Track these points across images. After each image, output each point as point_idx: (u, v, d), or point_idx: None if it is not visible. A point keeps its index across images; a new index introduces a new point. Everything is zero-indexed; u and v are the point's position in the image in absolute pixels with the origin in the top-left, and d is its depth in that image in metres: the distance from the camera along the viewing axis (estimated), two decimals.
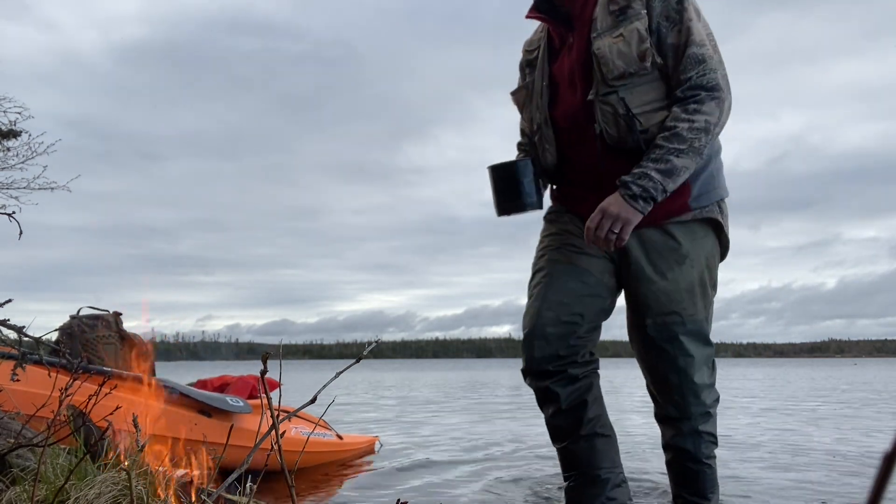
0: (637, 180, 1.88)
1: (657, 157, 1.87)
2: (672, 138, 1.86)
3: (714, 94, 1.87)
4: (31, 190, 10.23)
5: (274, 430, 1.08)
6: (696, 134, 1.85)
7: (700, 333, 2.02)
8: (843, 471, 3.16)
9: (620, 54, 1.90)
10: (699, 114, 1.85)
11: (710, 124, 1.86)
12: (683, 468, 2.11)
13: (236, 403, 2.96)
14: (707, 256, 2.04)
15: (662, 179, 1.86)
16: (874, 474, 0.24)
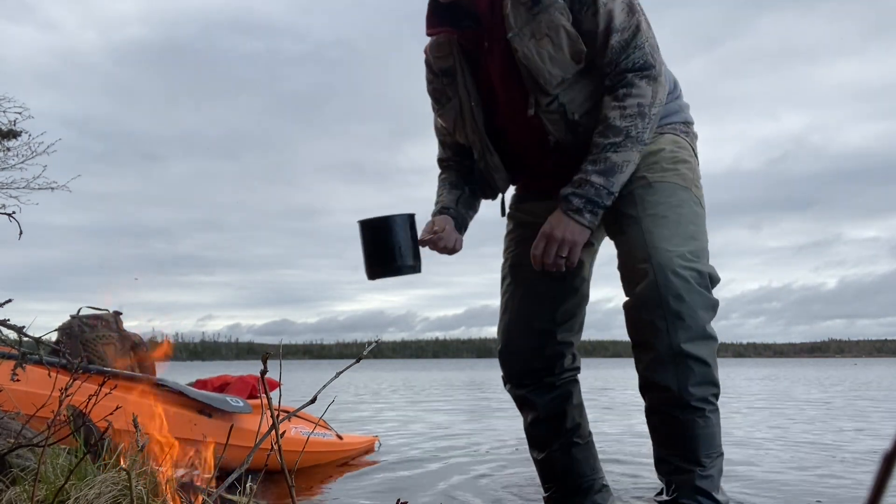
0: (578, 189, 1.72)
1: (595, 158, 1.72)
2: (606, 132, 1.71)
3: (643, 73, 1.70)
4: (30, 190, 10.24)
5: (274, 430, 1.08)
6: (631, 121, 1.69)
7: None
8: (842, 470, 3.16)
9: (553, 60, 1.72)
10: (630, 97, 1.69)
11: (643, 107, 1.70)
12: (665, 418, 1.74)
13: (236, 403, 2.96)
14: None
15: (605, 181, 1.70)
16: (874, 474, 0.24)
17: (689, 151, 1.88)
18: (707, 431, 1.71)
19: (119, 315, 3.13)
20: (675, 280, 1.69)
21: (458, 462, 3.48)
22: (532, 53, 1.72)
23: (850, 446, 4.03)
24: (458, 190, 2.03)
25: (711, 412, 1.72)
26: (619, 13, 1.69)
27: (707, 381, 1.71)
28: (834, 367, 36.62)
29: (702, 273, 1.74)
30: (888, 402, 8.05)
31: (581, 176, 1.73)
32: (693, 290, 1.70)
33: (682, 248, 1.73)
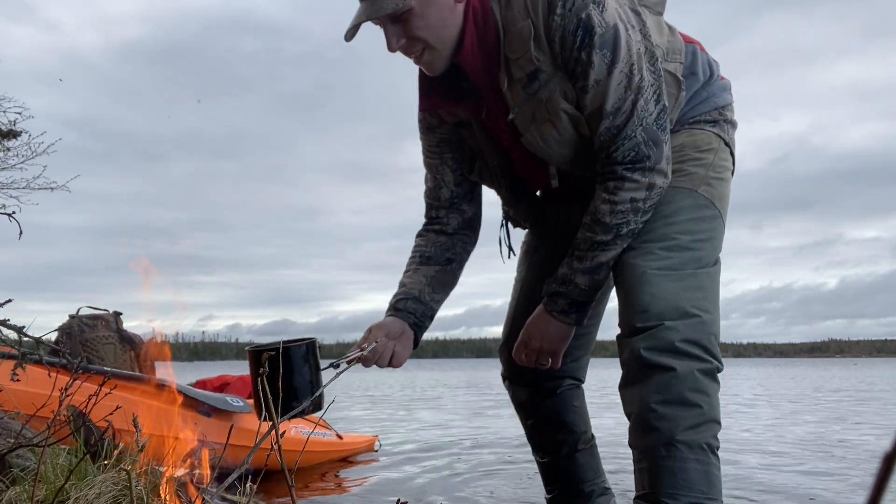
0: (562, 288, 1.61)
1: (581, 255, 1.59)
2: (595, 227, 1.55)
3: (636, 166, 1.51)
4: (31, 190, 10.24)
5: (274, 430, 1.08)
6: (622, 218, 1.53)
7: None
8: (842, 470, 3.16)
9: (560, 143, 1.57)
10: (622, 191, 1.51)
11: (637, 202, 1.52)
12: (642, 450, 1.47)
13: (236, 403, 2.96)
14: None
15: (590, 281, 1.59)
16: (874, 474, 0.24)
17: (710, 142, 1.66)
18: (698, 470, 1.45)
19: (119, 315, 3.14)
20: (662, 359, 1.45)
21: (459, 461, 3.48)
22: (536, 140, 1.58)
23: (850, 445, 4.03)
24: (432, 266, 1.81)
25: (705, 453, 1.46)
26: (614, 92, 1.48)
27: (700, 391, 1.48)
28: (834, 367, 36.62)
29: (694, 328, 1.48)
30: (887, 403, 8.05)
31: (566, 272, 1.61)
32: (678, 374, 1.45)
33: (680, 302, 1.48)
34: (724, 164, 1.68)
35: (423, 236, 1.87)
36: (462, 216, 1.85)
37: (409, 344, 1.74)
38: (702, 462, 1.43)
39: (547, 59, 1.50)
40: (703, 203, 1.62)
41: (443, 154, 1.78)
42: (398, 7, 1.44)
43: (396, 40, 1.50)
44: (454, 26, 1.52)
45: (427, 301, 1.78)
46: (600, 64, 1.46)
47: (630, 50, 1.48)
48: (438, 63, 1.55)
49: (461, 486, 2.84)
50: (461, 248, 1.87)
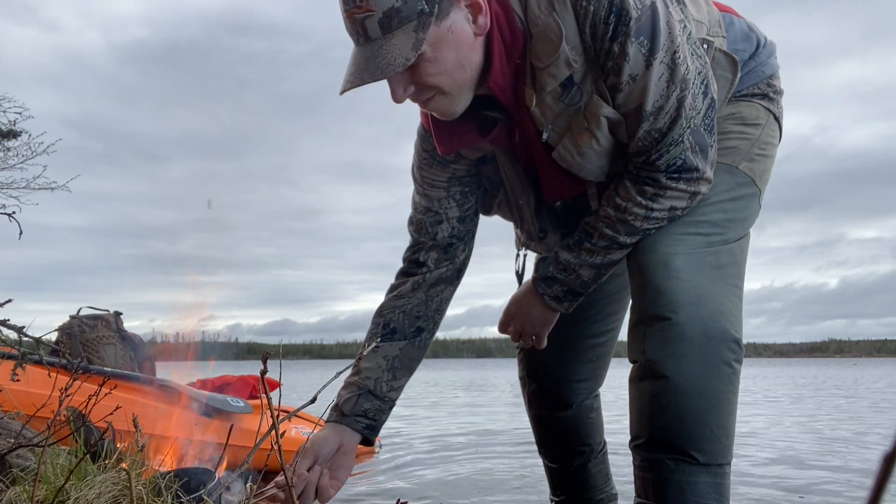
0: (561, 275, 1.45)
1: (595, 248, 1.40)
2: (620, 226, 1.36)
3: (683, 176, 1.31)
4: (31, 190, 10.25)
5: (274, 430, 1.08)
6: (655, 224, 1.35)
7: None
8: (842, 469, 3.16)
9: (599, 154, 1.34)
10: (661, 199, 1.32)
11: (676, 210, 1.34)
12: (650, 461, 1.31)
13: (237, 403, 2.96)
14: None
15: (594, 276, 1.44)
16: (874, 474, 0.24)
17: (757, 116, 1.48)
18: (703, 491, 1.32)
19: (119, 315, 3.14)
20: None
21: (460, 461, 3.48)
22: (570, 154, 1.34)
23: (850, 446, 4.03)
24: (396, 342, 1.58)
25: (714, 469, 1.31)
26: (654, 88, 1.23)
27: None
28: (834, 368, 36.66)
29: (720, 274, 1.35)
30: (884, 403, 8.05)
31: (571, 260, 1.43)
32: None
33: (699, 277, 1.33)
34: (770, 141, 1.50)
35: (396, 291, 1.62)
36: (453, 263, 1.62)
37: (350, 458, 1.53)
38: (714, 475, 1.28)
39: (580, 58, 1.25)
40: (743, 181, 1.44)
41: (450, 188, 1.55)
42: (407, 63, 1.17)
43: (404, 89, 1.26)
44: (473, 66, 1.27)
45: (384, 393, 1.56)
46: (636, 55, 1.21)
47: (672, 33, 1.22)
48: (454, 108, 1.31)
49: (461, 486, 2.84)
50: (437, 309, 1.63)
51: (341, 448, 1.51)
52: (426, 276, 1.60)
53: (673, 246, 1.33)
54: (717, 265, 1.34)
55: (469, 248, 1.65)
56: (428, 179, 1.56)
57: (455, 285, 1.66)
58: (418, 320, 1.61)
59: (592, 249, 1.41)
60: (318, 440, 1.50)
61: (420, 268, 1.61)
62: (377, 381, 1.56)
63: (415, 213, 1.61)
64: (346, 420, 1.54)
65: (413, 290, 1.60)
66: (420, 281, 1.60)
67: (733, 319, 1.31)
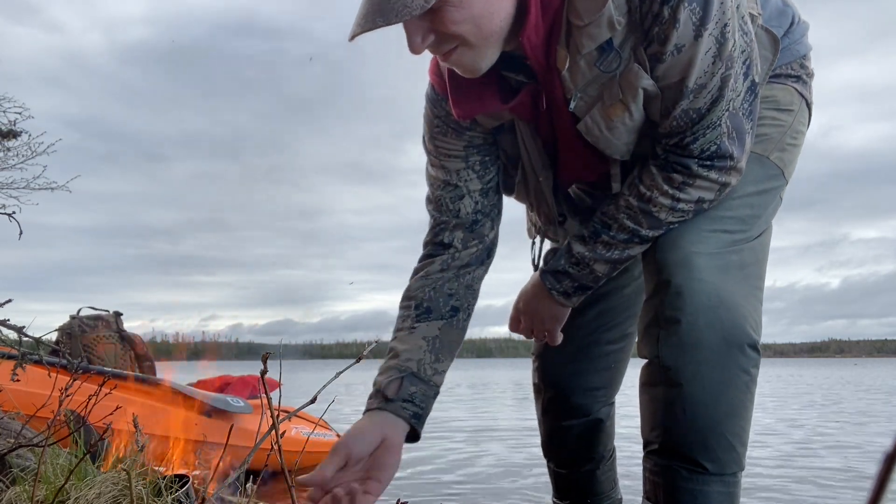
0: (573, 269, 1.34)
1: (612, 242, 1.29)
2: (643, 218, 1.25)
3: (715, 163, 1.21)
4: (31, 190, 10.25)
5: (274, 430, 1.08)
6: (680, 217, 1.25)
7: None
8: (842, 469, 3.15)
9: (629, 130, 1.21)
10: (689, 189, 1.22)
11: (703, 202, 1.24)
12: (663, 466, 1.27)
13: (237, 403, 2.96)
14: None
15: (608, 272, 1.33)
16: (875, 474, 0.24)
17: (791, 101, 1.37)
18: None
19: (119, 315, 3.14)
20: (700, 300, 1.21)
21: (460, 461, 3.48)
22: (598, 127, 1.22)
23: (851, 445, 4.03)
24: (433, 321, 1.41)
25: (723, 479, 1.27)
26: (700, 63, 1.11)
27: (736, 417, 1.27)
28: (833, 368, 36.64)
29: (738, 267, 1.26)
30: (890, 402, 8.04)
31: (585, 254, 1.31)
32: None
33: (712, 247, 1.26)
34: (800, 129, 1.40)
35: (422, 272, 1.46)
36: (482, 242, 1.46)
37: (396, 454, 1.32)
38: (727, 484, 1.24)
39: (624, 19, 1.11)
40: (773, 173, 1.34)
41: (469, 157, 1.40)
42: (426, 5, 1.02)
43: (423, 38, 1.10)
44: (504, 16, 1.12)
45: (429, 377, 1.38)
46: (686, 23, 1.08)
47: (724, 3, 1.10)
48: (478, 63, 1.16)
49: (462, 486, 2.84)
50: (469, 289, 1.47)
51: (385, 442, 1.30)
52: (455, 256, 1.45)
53: (696, 244, 1.24)
54: (740, 265, 1.26)
55: (496, 225, 1.49)
56: (443, 150, 1.40)
57: (487, 265, 1.51)
58: (451, 299, 1.44)
59: (610, 243, 1.29)
60: (352, 435, 1.29)
61: (446, 249, 1.45)
62: (420, 363, 1.37)
63: (432, 190, 1.45)
64: (390, 406, 1.34)
65: (441, 270, 1.44)
66: (448, 261, 1.44)
67: (753, 323, 1.24)
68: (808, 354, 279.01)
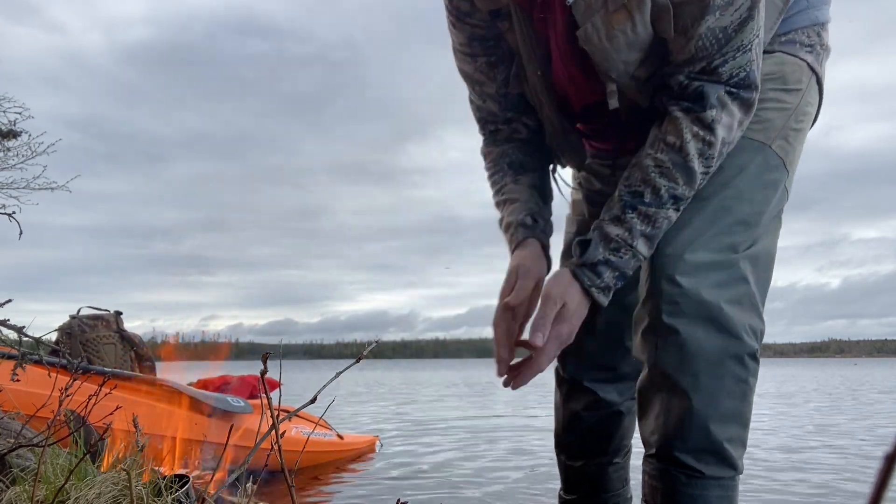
0: (614, 257, 1.19)
1: (652, 211, 1.17)
2: (677, 173, 1.15)
3: (741, 93, 1.13)
4: (31, 190, 10.24)
5: (274, 430, 1.08)
6: (709, 165, 1.16)
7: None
8: (842, 470, 3.15)
9: (631, 45, 1.14)
10: (719, 126, 1.13)
11: (725, 144, 1.15)
12: (661, 470, 1.26)
13: (237, 403, 2.96)
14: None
15: (648, 250, 1.20)
16: (875, 474, 0.24)
17: (800, 78, 1.28)
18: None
19: (119, 315, 3.14)
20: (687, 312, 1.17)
21: (460, 462, 3.48)
22: (598, 36, 1.13)
23: (849, 446, 4.03)
24: (528, 173, 1.38)
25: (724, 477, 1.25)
26: None
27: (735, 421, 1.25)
28: (833, 368, 36.65)
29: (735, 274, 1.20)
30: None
31: (623, 235, 1.17)
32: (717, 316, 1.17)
33: (713, 248, 1.20)
34: (807, 110, 1.30)
35: (500, 145, 1.41)
36: (528, 128, 1.41)
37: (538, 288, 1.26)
38: (725, 488, 1.23)
39: None
40: (773, 163, 1.26)
41: (476, 58, 1.35)
42: None
43: None
44: None
45: (546, 218, 1.33)
46: None
47: None
48: None
49: (462, 486, 2.84)
50: (544, 157, 1.41)
51: (539, 284, 1.24)
52: (514, 133, 1.41)
53: (697, 251, 1.20)
54: (742, 273, 1.21)
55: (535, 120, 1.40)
56: (455, 47, 1.37)
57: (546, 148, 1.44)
58: (534, 158, 1.40)
59: (647, 213, 1.16)
60: (525, 261, 1.24)
61: (499, 134, 1.43)
62: (538, 205, 1.34)
63: (472, 108, 1.44)
64: (526, 234, 1.29)
65: (507, 141, 1.41)
66: (509, 136, 1.41)
67: (751, 332, 1.21)
68: (808, 354, 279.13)
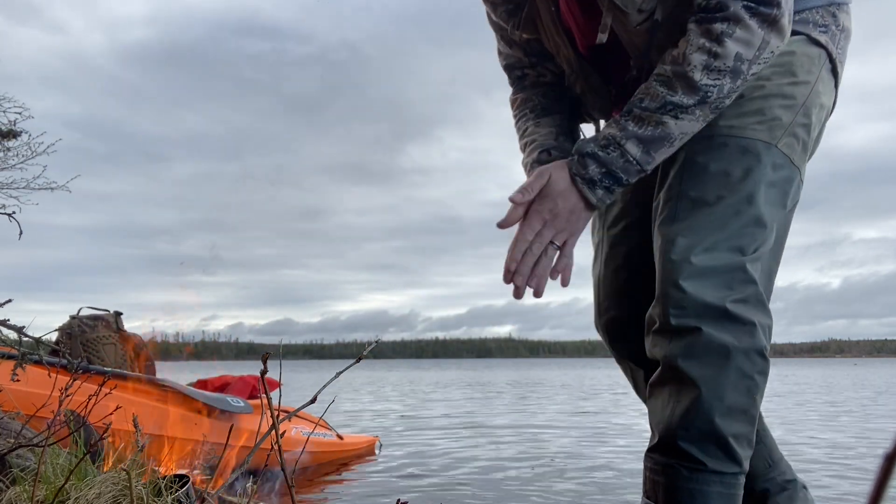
0: (602, 152, 1.18)
1: (644, 114, 1.16)
2: (676, 82, 1.14)
3: (760, 9, 1.10)
4: (31, 190, 10.25)
5: (274, 430, 1.08)
6: (717, 80, 1.12)
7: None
8: (843, 470, 3.15)
9: None
10: (729, 41, 1.10)
11: (742, 61, 1.11)
12: (663, 464, 1.24)
13: (237, 403, 2.96)
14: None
15: (642, 156, 1.17)
16: (874, 474, 0.24)
17: (810, 67, 1.25)
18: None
19: (119, 315, 3.14)
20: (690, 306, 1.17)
21: (460, 462, 3.48)
22: None
23: (850, 446, 4.03)
24: (554, 115, 1.40)
25: (729, 473, 1.24)
26: None
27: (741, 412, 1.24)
28: (833, 368, 36.66)
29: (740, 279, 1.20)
30: None
31: (614, 133, 1.17)
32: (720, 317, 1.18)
33: (717, 254, 1.20)
34: (819, 101, 1.26)
35: (524, 91, 1.44)
36: (552, 72, 1.43)
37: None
38: (728, 485, 1.22)
39: None
40: (779, 163, 1.23)
41: (496, 6, 1.37)
42: None
43: None
44: None
45: (565, 151, 1.32)
46: None
47: None
48: None
49: (462, 486, 2.84)
50: (567, 101, 1.43)
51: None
52: (540, 77, 1.44)
53: (702, 256, 1.20)
54: (749, 275, 1.21)
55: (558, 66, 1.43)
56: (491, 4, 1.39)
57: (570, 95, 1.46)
58: (560, 101, 1.42)
59: (642, 116, 1.16)
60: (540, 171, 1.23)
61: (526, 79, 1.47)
62: (556, 139, 1.35)
63: (499, 59, 1.49)
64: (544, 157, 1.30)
65: (534, 86, 1.45)
66: (535, 81, 1.45)
67: (761, 329, 1.21)
68: (808, 354, 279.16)
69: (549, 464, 3.39)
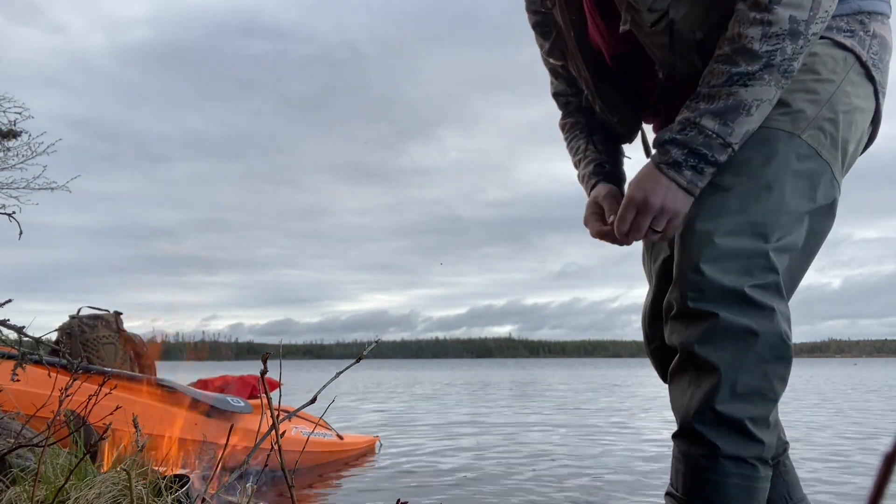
0: (680, 135, 1.20)
1: (712, 91, 1.17)
2: (736, 56, 1.15)
3: None
4: (31, 190, 10.24)
5: (274, 430, 1.08)
6: (776, 44, 1.13)
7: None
8: (842, 470, 3.15)
9: None
10: (778, 7, 1.12)
11: (798, 22, 1.13)
12: (684, 453, 1.24)
13: (237, 403, 2.96)
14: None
15: (721, 128, 1.17)
16: (874, 474, 0.24)
17: (834, 67, 1.26)
18: (736, 494, 1.23)
19: (119, 315, 3.14)
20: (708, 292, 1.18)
21: (459, 462, 3.48)
22: None
23: (850, 446, 4.03)
24: (599, 134, 1.53)
25: (744, 466, 1.22)
26: None
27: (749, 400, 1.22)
28: (833, 368, 36.65)
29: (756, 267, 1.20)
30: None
31: (688, 115, 1.19)
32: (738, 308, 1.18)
33: (732, 241, 1.20)
34: (848, 101, 1.26)
35: (568, 117, 1.57)
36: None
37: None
38: (747, 477, 1.20)
39: None
40: (804, 153, 1.23)
41: (543, 44, 1.50)
42: None
43: None
44: None
45: (617, 164, 1.48)
46: None
47: None
48: None
49: (463, 487, 2.84)
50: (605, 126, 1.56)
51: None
52: (585, 103, 1.54)
53: (722, 240, 1.21)
54: (771, 263, 1.21)
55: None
56: (532, 27, 1.51)
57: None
58: (605, 123, 1.52)
59: (710, 94, 1.18)
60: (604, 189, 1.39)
61: (567, 97, 1.58)
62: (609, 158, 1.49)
63: (550, 88, 1.60)
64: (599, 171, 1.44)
65: (578, 111, 1.56)
66: (579, 105, 1.56)
67: (780, 315, 1.21)
68: (808, 354, 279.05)
69: (551, 464, 3.39)
